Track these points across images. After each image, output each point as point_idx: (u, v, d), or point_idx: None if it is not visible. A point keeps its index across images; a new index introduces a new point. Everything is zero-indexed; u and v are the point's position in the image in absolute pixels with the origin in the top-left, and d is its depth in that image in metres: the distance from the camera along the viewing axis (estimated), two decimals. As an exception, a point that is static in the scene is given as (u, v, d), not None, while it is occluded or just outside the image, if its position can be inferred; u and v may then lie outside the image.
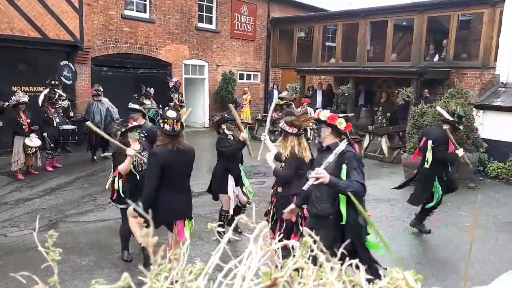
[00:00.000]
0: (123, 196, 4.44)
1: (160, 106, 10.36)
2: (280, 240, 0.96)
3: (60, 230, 5.35)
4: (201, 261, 1.07)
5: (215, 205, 6.71)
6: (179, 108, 10.46)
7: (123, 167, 4.33)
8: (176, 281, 0.98)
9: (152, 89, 10.63)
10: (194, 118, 15.09)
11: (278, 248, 1.02)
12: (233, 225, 1.08)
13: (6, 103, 8.09)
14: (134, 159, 4.36)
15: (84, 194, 7.13)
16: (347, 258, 0.89)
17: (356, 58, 14.45)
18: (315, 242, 0.91)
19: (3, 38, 9.32)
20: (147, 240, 0.80)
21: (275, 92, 15.87)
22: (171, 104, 10.56)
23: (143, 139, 4.74)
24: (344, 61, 15.17)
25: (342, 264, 0.86)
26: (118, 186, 4.49)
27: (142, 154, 4.47)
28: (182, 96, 11.08)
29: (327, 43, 16.63)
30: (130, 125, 4.51)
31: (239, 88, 15.39)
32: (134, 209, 3.75)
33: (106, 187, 4.84)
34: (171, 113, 3.79)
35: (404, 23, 14.38)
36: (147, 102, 9.98)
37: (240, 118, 13.59)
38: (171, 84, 11.76)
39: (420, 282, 0.81)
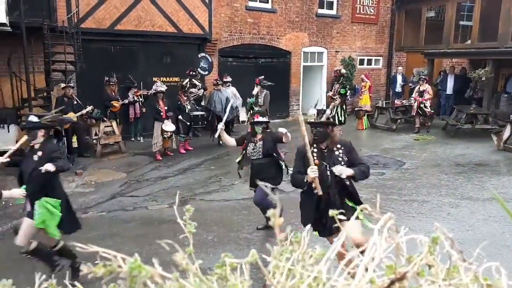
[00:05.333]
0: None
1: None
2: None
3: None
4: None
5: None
6: (335, 98, 9.71)
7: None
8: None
9: (262, 76, 10.25)
10: (310, 106, 15.10)
11: (403, 242, 0.99)
12: (355, 214, 1.08)
13: (149, 92, 9.21)
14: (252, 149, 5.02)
15: (211, 175, 7.76)
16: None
17: (497, 38, 12.66)
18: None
19: (146, 34, 10.56)
20: (274, 220, 0.85)
21: (399, 78, 14.90)
22: (329, 94, 9.83)
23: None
24: (482, 41, 13.41)
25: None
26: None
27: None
28: (343, 87, 9.87)
29: (461, 22, 14.90)
30: (255, 119, 5.00)
31: (359, 73, 14.84)
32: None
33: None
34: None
35: None
36: (256, 88, 9.91)
37: (359, 106, 13.10)
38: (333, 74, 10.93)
39: None
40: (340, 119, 9.66)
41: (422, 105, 11.31)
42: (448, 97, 13.68)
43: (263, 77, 9.79)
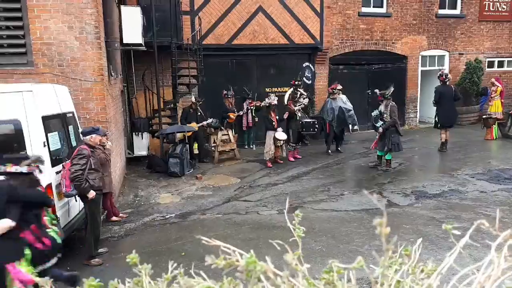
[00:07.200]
0: None
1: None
2: None
3: (299, 214, 6.00)
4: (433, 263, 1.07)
5: (452, 210, 6.14)
6: None
7: None
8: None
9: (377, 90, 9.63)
10: (429, 114, 14.01)
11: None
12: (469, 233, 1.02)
13: (262, 104, 9.66)
14: None
15: (319, 184, 7.75)
16: None
17: None
18: None
19: (260, 47, 11.09)
20: (381, 230, 0.87)
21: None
22: None
23: None
24: None
25: None
26: None
27: None
28: None
29: None
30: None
31: (488, 77, 13.32)
32: None
33: None
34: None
35: None
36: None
37: (488, 113, 11.70)
38: None
39: None
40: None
41: None
42: None
43: (377, 90, 8.83)
